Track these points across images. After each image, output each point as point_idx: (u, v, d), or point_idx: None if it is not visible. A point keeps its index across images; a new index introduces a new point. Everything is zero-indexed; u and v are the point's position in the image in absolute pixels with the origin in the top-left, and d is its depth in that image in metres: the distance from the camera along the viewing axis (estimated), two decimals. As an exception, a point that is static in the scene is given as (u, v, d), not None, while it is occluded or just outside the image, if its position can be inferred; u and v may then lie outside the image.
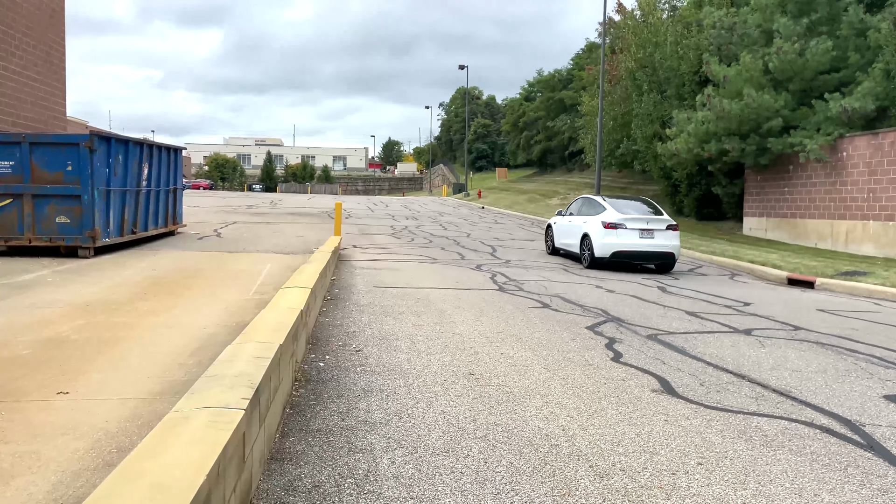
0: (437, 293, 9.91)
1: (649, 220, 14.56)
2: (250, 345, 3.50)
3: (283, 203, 41.22)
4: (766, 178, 20.84)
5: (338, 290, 10.00)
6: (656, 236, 14.34)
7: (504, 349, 6.25)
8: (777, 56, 18.89)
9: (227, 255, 14.74)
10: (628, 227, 14.22)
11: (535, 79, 71.93)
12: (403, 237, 21.03)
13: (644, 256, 14.44)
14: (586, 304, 9.35)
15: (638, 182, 42.98)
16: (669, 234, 14.47)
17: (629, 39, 30.73)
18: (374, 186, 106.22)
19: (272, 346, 3.46)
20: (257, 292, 9.92)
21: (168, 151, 18.06)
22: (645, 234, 14.29)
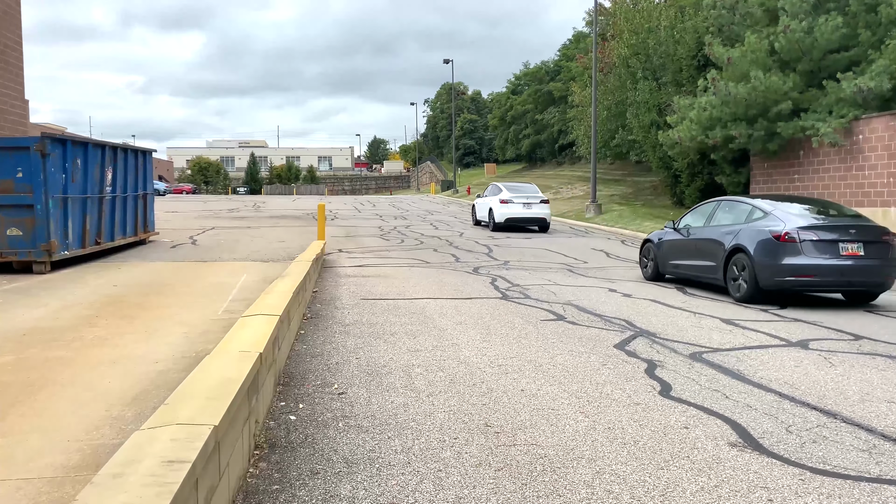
0: (433, 305, 8.68)
1: (530, 197, 21.71)
2: (168, 432, 2.27)
3: (266, 206, 39.81)
4: (775, 166, 19.72)
5: (319, 304, 8.74)
6: (534, 208, 21.49)
7: (523, 382, 5.02)
8: (784, 35, 17.75)
9: (200, 266, 13.44)
10: (515, 202, 21.33)
11: (522, 71, 70.74)
12: (393, 239, 19.77)
13: (526, 220, 21.55)
14: (605, 313, 8.14)
15: (633, 173, 41.86)
16: (543, 206, 21.72)
17: (621, 25, 29.58)
18: (360, 186, 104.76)
19: (198, 435, 2.23)
20: (227, 310, 8.64)
21: (135, 154, 16.70)
22: (526, 206, 21.38)
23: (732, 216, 10.37)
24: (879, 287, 9.34)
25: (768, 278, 8.98)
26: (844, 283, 9.14)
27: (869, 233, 9.14)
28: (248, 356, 3.48)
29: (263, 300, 5.68)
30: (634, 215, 25.65)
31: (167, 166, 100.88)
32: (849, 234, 9.00)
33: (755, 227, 9.48)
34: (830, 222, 9.48)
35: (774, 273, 8.91)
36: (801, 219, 9.30)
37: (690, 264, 10.87)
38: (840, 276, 8.91)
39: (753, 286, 9.11)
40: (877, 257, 8.95)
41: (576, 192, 41.33)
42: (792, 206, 9.93)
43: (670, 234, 11.60)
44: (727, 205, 10.91)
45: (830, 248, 8.85)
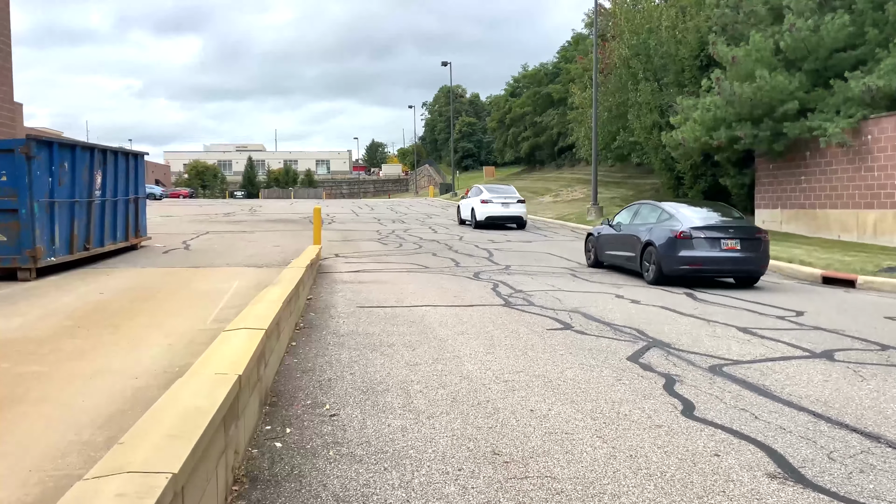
0: (433, 313, 8.26)
1: (508, 198, 23.92)
2: (115, 483, 1.85)
3: (262, 209, 39.39)
4: (780, 167, 19.34)
5: (314, 313, 8.32)
6: (511, 207, 23.62)
7: (532, 401, 4.60)
8: (790, 34, 17.38)
9: (192, 272, 13.02)
10: (495, 202, 23.50)
11: (521, 74, 70.40)
12: (391, 243, 19.36)
13: (505, 218, 23.57)
14: (614, 321, 7.72)
15: (634, 175, 41.49)
16: (520, 205, 23.89)
17: (622, 26, 29.20)
18: (358, 189, 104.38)
19: (151, 489, 1.80)
20: (217, 319, 8.22)
21: (126, 157, 16.27)
22: (504, 206, 23.52)
23: (648, 217, 12.62)
24: (755, 273, 11.63)
25: (669, 266, 11.33)
26: (727, 270, 11.53)
27: (745, 232, 11.54)
28: (225, 380, 3.06)
29: (250, 311, 5.26)
30: (636, 218, 25.24)
31: (164, 170, 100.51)
32: (729, 233, 11.36)
33: (662, 226, 11.77)
34: (717, 223, 11.73)
35: (674, 262, 11.28)
36: (695, 221, 11.54)
37: (618, 254, 13.11)
38: (722, 265, 11.38)
39: (658, 272, 11.47)
40: (751, 251, 11.34)
41: (576, 194, 40.95)
42: (691, 210, 12.21)
43: (606, 230, 13.88)
44: (646, 207, 13.18)
45: (715, 244, 11.23)
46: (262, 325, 4.49)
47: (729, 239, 11.26)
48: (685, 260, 11.16)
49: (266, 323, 4.54)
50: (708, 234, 11.27)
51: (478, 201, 23.81)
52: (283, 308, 5.53)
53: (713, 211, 12.66)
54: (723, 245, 11.22)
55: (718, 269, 11.44)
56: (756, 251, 11.39)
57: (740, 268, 11.45)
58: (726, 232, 11.39)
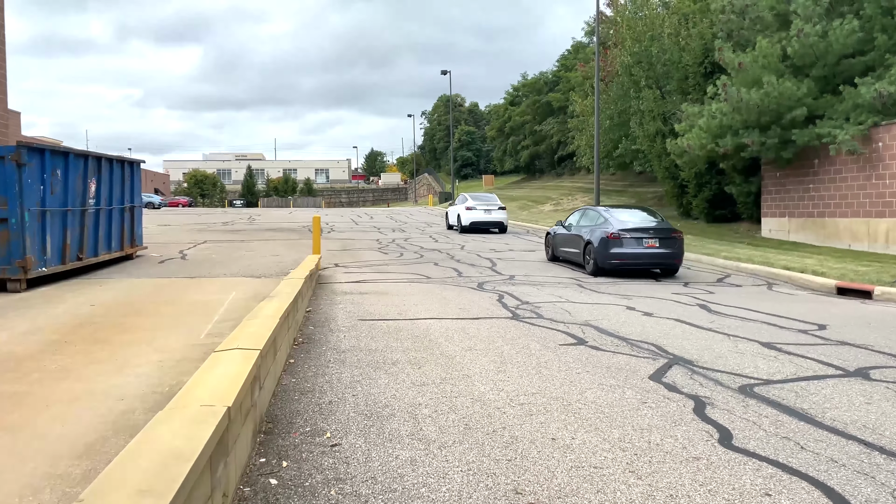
0: (438, 326, 7.87)
1: (490, 205, 25.97)
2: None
3: (261, 218, 39.03)
4: (788, 175, 18.99)
5: (313, 326, 7.92)
6: (493, 213, 25.65)
7: (553, 428, 4.20)
8: (798, 39, 17.08)
9: (188, 283, 12.62)
10: (478, 209, 25.57)
11: (520, 82, 70.26)
12: (391, 252, 18.98)
13: (487, 223, 25.49)
14: (630, 336, 7.33)
15: (635, 184, 41.20)
16: (501, 211, 25.80)
17: (623, 33, 28.96)
18: (358, 198, 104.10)
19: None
20: (211, 333, 7.82)
21: (122, 165, 15.90)
22: (487, 212, 25.60)
23: (590, 220, 15.06)
24: (672, 265, 14.03)
25: (603, 261, 13.71)
26: (649, 263, 13.85)
27: (664, 232, 13.88)
28: (212, 414, 2.67)
29: (245, 328, 4.86)
30: (640, 227, 24.89)
31: (163, 179, 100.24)
32: (650, 234, 13.73)
33: (599, 228, 14.18)
34: (641, 226, 13.98)
35: (607, 258, 13.66)
36: (624, 224, 13.95)
37: (568, 251, 15.57)
38: (645, 259, 13.74)
39: (595, 266, 13.88)
40: (668, 248, 13.75)
41: (576, 203, 40.64)
42: (621, 214, 14.82)
43: (560, 230, 16.38)
44: (591, 211, 15.75)
45: (639, 243, 13.62)
46: (256, 344, 4.10)
47: (650, 238, 13.70)
48: (615, 255, 13.63)
49: (261, 342, 4.15)
50: (633, 234, 13.67)
51: (463, 208, 26.14)
52: (279, 324, 5.14)
53: (640, 215, 15.24)
54: (645, 243, 13.67)
55: (642, 263, 13.83)
56: (672, 248, 13.82)
57: (659, 261, 13.91)
58: (648, 233, 13.76)
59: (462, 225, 25.71)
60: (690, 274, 14.57)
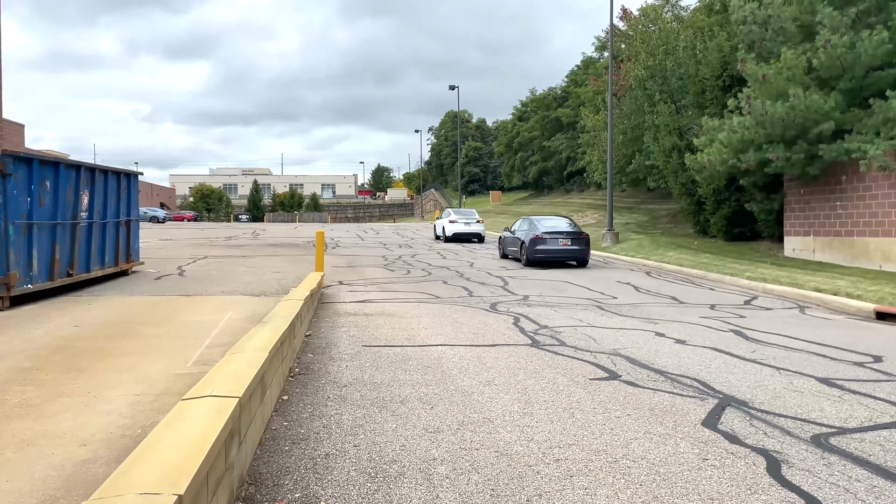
0: (451, 355, 7.09)
1: (469, 219, 30.37)
2: None
3: (265, 233, 38.41)
4: (812, 192, 18.19)
5: (312, 354, 7.15)
6: (472, 226, 29.92)
7: (601, 496, 3.41)
8: (824, 51, 16.35)
9: (183, 301, 11.89)
10: (459, 222, 29.87)
11: (529, 98, 69.84)
12: (398, 269, 18.22)
13: (467, 234, 29.72)
14: (666, 368, 6.53)
15: (647, 200, 40.42)
16: (478, 224, 30.25)
17: (637, 47, 28.34)
18: (364, 213, 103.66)
19: None
20: (199, 361, 7.07)
21: (118, 177, 15.24)
22: (466, 224, 29.84)
23: (526, 226, 19.97)
24: (582, 259, 19.01)
25: (531, 255, 18.54)
26: (564, 257, 18.78)
27: (575, 234, 18.91)
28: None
29: (226, 364, 4.10)
30: (655, 245, 24.07)
31: (169, 193, 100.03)
32: (564, 235, 18.72)
33: (530, 232, 19.02)
34: (558, 229, 19.02)
35: (534, 253, 18.50)
36: (546, 228, 19.02)
37: (512, 249, 20.67)
38: (560, 254, 18.62)
39: (527, 259, 18.74)
40: (578, 245, 18.70)
41: (587, 219, 39.86)
42: (547, 221, 19.97)
43: (507, 234, 21.42)
44: (526, 220, 20.58)
45: (556, 241, 18.45)
46: (236, 388, 3.34)
47: (564, 238, 18.83)
48: (540, 251, 18.65)
49: (242, 385, 3.39)
50: (553, 235, 18.75)
51: (447, 221, 30.90)
52: (270, 358, 4.38)
53: (561, 222, 20.54)
54: (561, 242, 18.74)
55: (559, 256, 18.85)
56: (581, 245, 18.96)
57: (572, 255, 18.98)
58: (563, 234, 18.90)
59: (446, 235, 30.42)
60: (715, 296, 13.76)
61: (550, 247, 18.52)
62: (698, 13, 32.90)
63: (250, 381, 3.54)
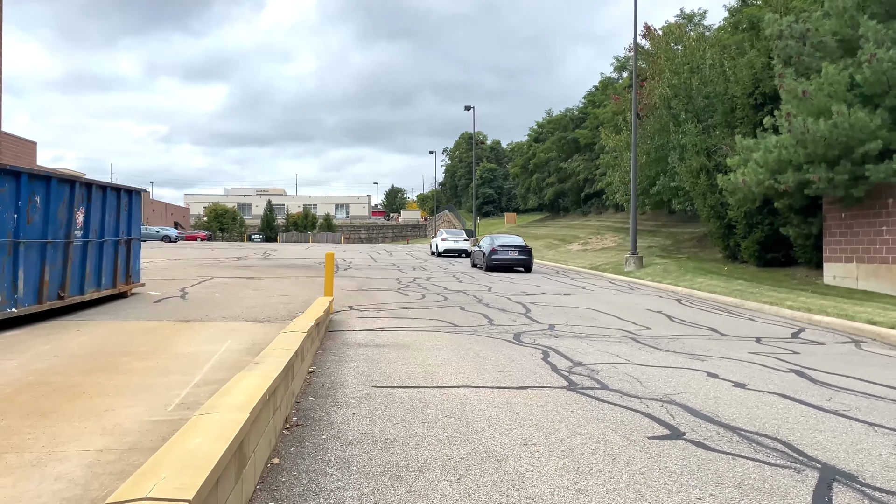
0: (475, 399, 6.06)
1: (458, 237, 37.87)
2: None
3: (277, 254, 37.60)
4: (855, 216, 17.04)
5: (314, 397, 6.13)
6: (460, 243, 37.00)
7: None
8: (868, 66, 15.32)
9: (179, 327, 10.94)
10: (450, 240, 36.98)
11: (545, 119, 69.09)
12: (412, 293, 17.22)
13: (456, 251, 36.52)
14: (736, 422, 5.46)
15: (668, 223, 39.25)
16: (465, 242, 37.32)
17: (662, 64, 27.41)
18: (377, 234, 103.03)
19: None
20: (183, 403, 6.08)
21: (118, 193, 14.42)
22: (455, 242, 36.92)
23: (488, 241, 26.69)
24: (527, 265, 25.76)
25: (489, 263, 25.25)
26: (513, 264, 25.42)
27: (522, 248, 25.86)
28: None
29: (188, 436, 3.08)
30: (682, 270, 22.93)
31: (184, 213, 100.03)
32: (513, 248, 25.61)
33: (489, 246, 25.76)
34: (510, 244, 25.85)
35: (492, 261, 25.18)
36: (502, 243, 25.92)
37: (477, 260, 27.05)
38: (511, 262, 25.37)
39: (486, 265, 25.30)
40: (524, 255, 25.56)
41: (606, 242, 38.74)
42: (502, 239, 27.06)
43: (476, 249, 27.94)
44: (489, 237, 27.89)
45: (507, 252, 25.37)
46: (194, 477, 2.33)
47: (513, 250, 25.57)
48: (495, 259, 25.30)
49: (198, 479, 2.38)
50: (505, 248, 25.57)
51: (440, 240, 38.13)
52: (253, 420, 3.38)
53: (513, 238, 27.69)
54: (511, 253, 25.44)
55: (509, 264, 25.48)
56: (526, 255, 25.72)
57: (519, 263, 25.61)
58: (513, 248, 25.66)
59: (438, 251, 37.34)
60: (758, 327, 12.63)
61: (502, 256, 25.51)
62: (722, 31, 32.01)
63: (212, 468, 2.54)
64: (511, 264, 25.42)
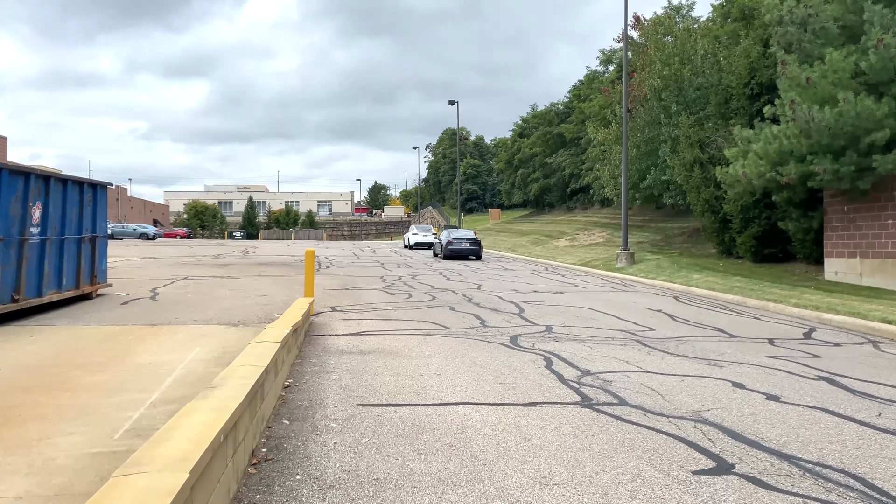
0: (478, 421, 5.20)
1: (426, 231, 44.80)
2: None
3: (257, 251, 36.49)
4: (858, 209, 16.38)
5: (288, 420, 5.23)
6: (428, 237, 42.92)
7: None
8: (875, 52, 14.63)
9: (144, 333, 9.96)
10: (420, 234, 43.83)
11: (530, 114, 68.31)
12: (398, 292, 16.33)
13: (424, 244, 42.09)
14: (788, 447, 4.65)
15: (656, 218, 38.63)
16: (433, 236, 41.94)
17: (652, 55, 26.67)
18: (360, 231, 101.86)
19: None
20: (133, 429, 5.16)
21: (80, 187, 13.37)
22: (424, 236, 43.28)
23: (445, 234, 32.23)
24: (477, 255, 30.93)
25: (445, 252, 30.50)
26: (465, 253, 30.54)
27: (472, 239, 31.18)
28: None
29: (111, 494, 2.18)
30: (676, 266, 22.22)
31: (163, 210, 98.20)
32: (465, 240, 30.94)
33: (446, 238, 31.30)
34: (462, 236, 31.48)
35: (448, 251, 30.45)
36: (456, 236, 31.65)
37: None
38: (463, 251, 30.56)
39: (443, 254, 30.67)
40: (474, 246, 30.79)
41: (594, 238, 38.05)
42: (456, 232, 32.59)
43: (437, 240, 33.72)
44: (447, 231, 33.40)
45: (460, 244, 30.83)
46: None
47: (465, 242, 30.43)
48: (450, 249, 29.99)
49: None
50: (457, 240, 30.54)
51: (411, 234, 44.88)
52: (195, 479, 2.48)
53: (465, 232, 32.65)
54: (463, 244, 30.23)
55: (462, 253, 30.07)
56: (476, 246, 30.51)
57: (470, 252, 30.25)
58: (465, 240, 30.55)
59: (410, 244, 43.62)
60: (766, 327, 11.89)
61: (456, 247, 30.49)
62: (711, 22, 31.40)
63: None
64: (464, 253, 30.56)
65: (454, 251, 30.25)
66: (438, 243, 32.27)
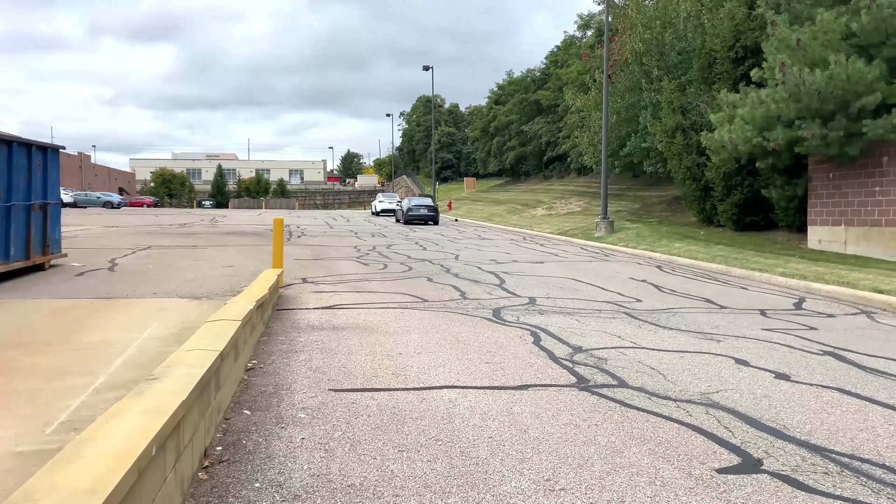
0: (466, 409, 4.62)
1: (392, 199, 47.62)
2: None
3: (225, 220, 35.42)
4: (845, 175, 16.02)
5: (249, 410, 4.59)
6: (393, 204, 44.27)
7: None
8: (867, 12, 14.12)
9: (98, 307, 9.21)
10: (386, 202, 47.00)
11: (506, 80, 67.22)
12: (373, 263, 15.67)
13: (390, 210, 44.29)
14: (815, 438, 4.14)
15: (633, 187, 38.27)
16: (398, 204, 39.94)
17: (633, 18, 25.95)
18: (333, 200, 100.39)
19: None
20: (70, 420, 4.51)
21: (28, 149, 12.40)
22: (390, 203, 45.78)
23: (406, 203, 36.01)
24: (435, 220, 34.70)
25: (406, 218, 34.06)
26: (424, 218, 34.25)
27: (431, 206, 35.05)
28: None
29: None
30: (657, 235, 21.84)
31: (129, 178, 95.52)
32: (424, 207, 34.70)
33: (407, 205, 34.96)
34: (421, 203, 35.69)
35: (408, 216, 34.07)
36: (415, 202, 35.58)
37: (399, 217, 35.77)
38: (422, 217, 34.28)
39: (404, 219, 34.29)
40: (432, 213, 34.61)
41: (572, 207, 37.62)
42: (416, 200, 36.89)
43: (398, 207, 38.04)
44: (407, 199, 37.98)
45: (420, 210, 34.35)
46: None
47: (424, 208, 34.26)
48: (410, 215, 33.69)
49: None
50: (417, 206, 34.31)
51: (377, 202, 47.91)
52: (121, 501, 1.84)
53: (424, 200, 37.05)
54: (421, 211, 34.02)
55: (421, 218, 33.81)
56: (433, 213, 34.37)
57: (428, 218, 33.97)
58: (424, 207, 34.37)
59: (377, 211, 46.53)
60: (755, 297, 11.48)
61: (415, 213, 33.77)
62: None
63: None
64: (423, 219, 33.98)
65: (413, 216, 33.77)
66: (399, 210, 35.65)
